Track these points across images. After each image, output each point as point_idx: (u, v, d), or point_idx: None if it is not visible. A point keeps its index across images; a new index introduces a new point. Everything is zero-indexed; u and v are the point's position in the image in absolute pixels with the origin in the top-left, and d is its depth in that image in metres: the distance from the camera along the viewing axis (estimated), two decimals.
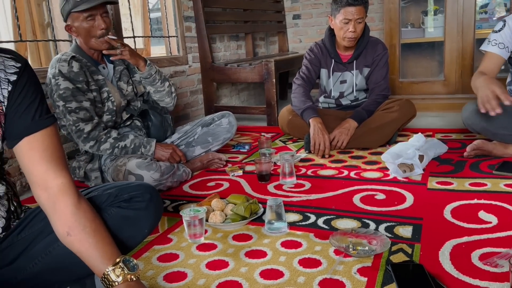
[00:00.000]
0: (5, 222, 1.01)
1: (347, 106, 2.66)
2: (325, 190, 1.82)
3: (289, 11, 4.59)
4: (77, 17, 1.87)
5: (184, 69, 3.33)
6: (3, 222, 1.01)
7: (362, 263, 1.21)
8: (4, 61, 0.94)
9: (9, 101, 0.94)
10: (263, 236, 1.43)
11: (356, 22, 2.37)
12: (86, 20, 1.87)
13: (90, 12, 1.86)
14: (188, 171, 2.07)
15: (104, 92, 1.95)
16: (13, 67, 0.95)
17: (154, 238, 1.46)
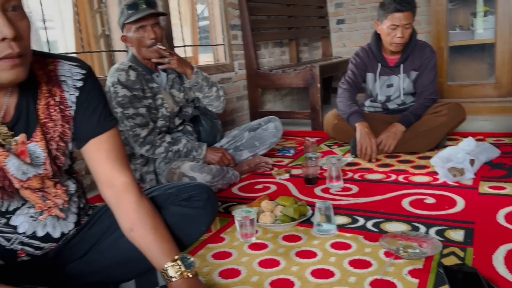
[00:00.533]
0: (76, 218, 1.10)
1: (394, 110, 2.64)
2: (373, 194, 1.83)
3: (333, 16, 4.60)
4: (129, 28, 2.01)
5: (231, 76, 3.42)
6: (75, 217, 1.10)
7: (413, 265, 1.22)
8: (71, 68, 1.02)
9: (77, 105, 1.03)
10: (312, 237, 1.47)
11: (404, 28, 2.36)
12: (137, 31, 2.00)
13: (141, 23, 1.99)
14: (236, 174, 2.14)
15: (158, 99, 2.06)
16: (79, 74, 1.03)
17: (208, 237, 1.53)
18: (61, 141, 1.02)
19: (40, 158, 0.98)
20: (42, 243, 1.03)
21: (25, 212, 0.99)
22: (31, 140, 0.97)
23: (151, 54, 2.05)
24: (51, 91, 1.00)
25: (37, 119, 0.97)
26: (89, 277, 1.13)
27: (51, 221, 1.03)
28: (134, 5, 2.00)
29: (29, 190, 0.98)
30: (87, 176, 2.21)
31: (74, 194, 1.11)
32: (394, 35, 2.37)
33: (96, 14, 2.70)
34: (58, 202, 1.03)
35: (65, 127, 1.02)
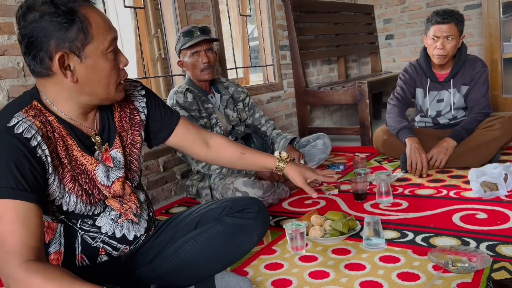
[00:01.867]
0: (147, 224, 1.25)
1: (445, 125, 2.62)
2: (423, 209, 1.85)
3: (381, 32, 4.62)
4: (185, 53, 2.19)
5: (280, 94, 3.53)
6: (145, 223, 1.25)
7: (462, 279, 1.24)
8: (131, 84, 1.26)
9: (147, 109, 1.26)
10: (361, 251, 1.52)
11: (445, 39, 2.37)
12: (192, 56, 2.18)
13: (195, 48, 2.17)
14: (286, 189, 2.22)
15: (213, 119, 2.21)
16: (138, 85, 1.27)
17: (261, 249, 1.62)
18: (133, 148, 1.23)
19: (121, 162, 1.18)
20: (118, 243, 1.18)
21: (107, 215, 1.15)
22: (113, 147, 1.17)
23: (205, 76, 2.21)
24: (121, 106, 1.21)
25: (116, 130, 1.18)
26: (154, 281, 1.26)
27: (127, 224, 1.19)
28: (190, 32, 2.18)
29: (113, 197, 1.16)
30: (148, 191, 2.38)
31: (144, 202, 1.27)
32: (435, 46, 2.39)
33: (153, 39, 2.92)
34: (132, 207, 1.20)
35: (135, 135, 1.23)
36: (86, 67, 1.00)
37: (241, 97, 2.47)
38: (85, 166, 1.09)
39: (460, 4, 4.08)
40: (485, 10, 3.35)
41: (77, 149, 1.08)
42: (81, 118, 1.10)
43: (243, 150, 1.41)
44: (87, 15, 0.98)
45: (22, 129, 0.96)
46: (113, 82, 1.06)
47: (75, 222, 1.12)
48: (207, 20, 2.80)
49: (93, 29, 0.99)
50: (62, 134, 1.05)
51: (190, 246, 1.25)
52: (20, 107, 1.00)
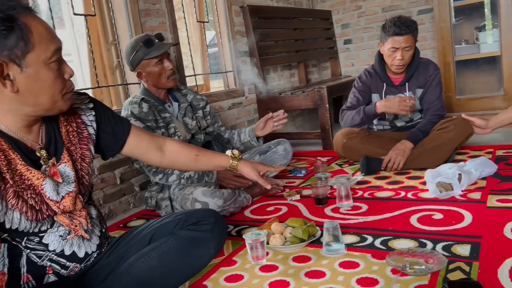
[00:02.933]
0: (99, 240, 1.20)
1: (402, 127, 2.68)
2: (382, 212, 1.86)
3: (340, 36, 4.69)
4: (148, 63, 2.12)
5: (241, 100, 3.51)
6: (98, 240, 1.20)
7: (419, 281, 1.25)
8: (77, 97, 1.22)
9: (97, 122, 1.23)
10: (321, 257, 1.51)
11: (404, 50, 2.42)
12: (156, 65, 2.12)
13: (160, 57, 2.11)
14: (248, 197, 2.20)
15: (171, 128, 2.16)
16: (86, 99, 1.24)
17: (221, 261, 1.58)
18: (83, 162, 1.19)
19: (70, 176, 1.13)
20: (68, 261, 1.12)
21: (55, 231, 1.09)
22: (61, 162, 1.12)
23: (171, 83, 2.17)
24: (67, 120, 1.17)
25: (63, 143, 1.14)
26: None
27: (77, 241, 1.14)
28: (150, 41, 2.11)
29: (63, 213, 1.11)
30: (105, 205, 2.29)
31: (96, 218, 1.23)
32: (395, 57, 2.44)
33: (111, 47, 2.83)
34: (82, 222, 1.15)
35: (84, 149, 1.19)
36: (27, 77, 0.97)
37: (200, 105, 2.42)
38: (31, 181, 1.05)
39: (413, 9, 4.21)
40: (437, 14, 3.46)
41: (22, 163, 1.03)
42: (24, 131, 1.06)
43: (198, 152, 1.43)
44: (27, 23, 0.95)
45: None
46: (58, 92, 1.03)
47: (19, 241, 1.06)
48: (163, 27, 2.75)
49: (34, 38, 0.95)
50: (4, 148, 1.01)
51: (143, 262, 1.20)
52: None
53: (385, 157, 2.40)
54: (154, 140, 1.36)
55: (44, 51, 0.97)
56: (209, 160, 1.43)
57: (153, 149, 1.35)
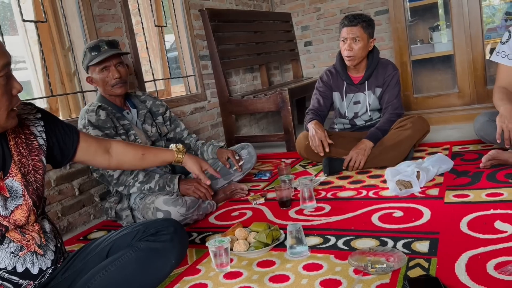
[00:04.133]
0: (54, 256, 1.16)
1: (362, 126, 2.73)
2: (345, 212, 1.88)
3: (300, 39, 4.74)
4: (94, 69, 2.07)
5: (204, 105, 3.48)
6: (52, 254, 1.15)
7: (380, 280, 1.27)
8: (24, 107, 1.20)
9: (46, 133, 1.20)
10: (285, 261, 1.50)
11: (352, 41, 2.48)
12: (101, 72, 2.06)
13: (104, 64, 2.06)
14: (212, 203, 2.17)
15: (131, 135, 2.10)
16: (33, 109, 1.22)
17: (184, 270, 1.54)
18: (36, 173, 1.14)
19: (18, 191, 1.08)
20: (20, 279, 1.07)
21: (5, 247, 1.04)
22: (8, 176, 1.08)
23: (117, 90, 2.10)
24: (15, 131, 1.12)
25: (11, 157, 1.09)
26: None
27: (30, 257, 1.09)
28: (96, 47, 2.05)
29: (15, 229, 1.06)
30: (63, 218, 2.21)
31: (50, 232, 1.18)
32: (344, 48, 2.49)
33: (68, 53, 2.74)
34: (35, 237, 1.10)
35: (35, 160, 1.15)
36: None
37: (160, 111, 2.38)
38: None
39: (370, 10, 4.31)
40: (392, 15, 3.55)
41: None
42: None
43: (143, 151, 1.49)
44: None
45: None
46: (4, 109, 0.99)
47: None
48: (119, 32, 2.68)
49: None
50: None
51: (100, 277, 1.16)
52: None
53: (346, 157, 2.43)
54: (101, 144, 1.38)
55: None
56: (155, 156, 1.50)
57: (101, 153, 1.37)
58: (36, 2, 2.37)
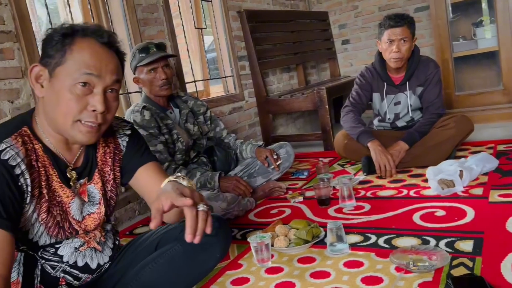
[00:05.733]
0: (111, 252, 1.22)
1: (403, 127, 2.68)
2: (385, 211, 1.88)
3: (337, 37, 4.71)
4: (141, 70, 2.16)
5: (242, 105, 3.54)
6: (110, 251, 1.22)
7: (423, 278, 1.26)
8: (120, 122, 1.26)
9: (127, 148, 1.24)
10: (326, 257, 1.52)
11: (400, 42, 2.44)
12: (149, 72, 2.15)
13: (152, 65, 2.14)
14: (252, 200, 2.21)
15: (174, 134, 2.18)
16: (126, 125, 1.27)
17: (226, 264, 1.60)
18: (114, 183, 1.21)
19: (96, 198, 1.16)
20: (80, 273, 1.14)
21: (70, 242, 1.12)
22: (91, 182, 1.15)
23: (162, 92, 2.18)
24: (107, 142, 1.20)
25: (96, 165, 1.16)
26: None
27: (90, 252, 1.16)
28: (146, 49, 2.15)
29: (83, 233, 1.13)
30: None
31: (110, 231, 1.25)
32: (391, 50, 2.45)
33: None
34: (96, 235, 1.17)
35: (116, 170, 1.21)
36: (51, 87, 1.01)
37: (201, 111, 2.45)
38: (61, 198, 1.08)
39: (410, 7, 4.23)
40: (433, 12, 3.47)
41: (57, 180, 1.07)
42: (64, 149, 1.10)
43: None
44: (76, 43, 1.00)
45: (8, 156, 0.96)
46: (70, 115, 1.00)
47: (36, 251, 1.09)
48: (162, 35, 2.78)
49: (72, 56, 0.99)
50: (45, 164, 1.05)
51: (150, 269, 1.22)
52: (10, 133, 1.00)
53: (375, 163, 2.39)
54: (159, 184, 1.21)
55: (74, 71, 0.98)
56: None
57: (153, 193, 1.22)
58: (84, 7, 2.50)
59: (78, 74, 0.99)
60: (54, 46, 1.00)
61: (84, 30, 1.02)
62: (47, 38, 1.02)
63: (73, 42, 1.00)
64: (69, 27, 1.02)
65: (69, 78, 0.99)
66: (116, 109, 1.09)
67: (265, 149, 2.41)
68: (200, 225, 0.93)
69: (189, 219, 0.92)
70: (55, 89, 1.00)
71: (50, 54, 1.00)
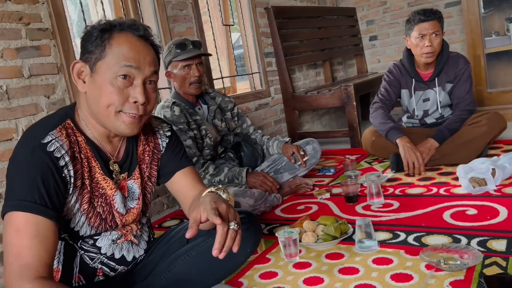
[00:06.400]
0: (146, 245, 1.26)
1: (432, 124, 2.64)
2: (414, 208, 1.86)
3: (365, 33, 4.66)
4: (176, 65, 2.19)
5: (268, 101, 3.55)
6: (145, 244, 1.26)
7: (454, 277, 1.25)
8: (160, 123, 1.30)
9: (166, 149, 1.27)
10: (354, 254, 1.52)
11: (432, 36, 2.40)
12: (183, 69, 2.17)
13: (187, 62, 2.17)
14: (278, 196, 2.22)
15: (202, 130, 2.21)
16: (167, 127, 1.31)
17: (254, 258, 1.61)
18: (149, 181, 1.24)
19: (136, 193, 1.19)
20: (117, 265, 1.18)
21: (108, 235, 1.16)
22: (131, 178, 1.19)
23: (192, 90, 2.22)
24: (147, 140, 1.23)
25: (137, 161, 1.20)
26: None
27: (126, 245, 1.19)
28: (183, 45, 2.18)
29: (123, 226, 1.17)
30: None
31: (145, 225, 1.29)
32: (423, 44, 2.41)
33: None
34: (133, 228, 1.21)
35: (153, 169, 1.25)
36: (93, 82, 1.04)
37: (228, 107, 2.47)
38: (104, 190, 1.11)
39: (440, 2, 4.14)
40: (465, 7, 3.40)
41: (100, 172, 1.11)
42: (105, 141, 1.13)
43: None
44: (114, 37, 1.03)
45: (53, 148, 1.00)
46: (112, 107, 1.03)
47: (76, 241, 1.12)
48: (190, 32, 2.81)
49: (111, 50, 1.02)
50: (88, 156, 1.08)
51: (182, 261, 1.25)
52: (55, 126, 1.04)
53: (404, 160, 2.37)
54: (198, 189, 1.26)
55: (114, 64, 1.02)
56: None
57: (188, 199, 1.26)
58: (116, 5, 2.55)
59: (118, 67, 1.02)
60: (94, 41, 1.03)
61: (121, 25, 1.05)
62: (86, 34, 1.05)
63: (112, 36, 1.03)
64: (107, 23, 1.05)
65: (109, 71, 1.02)
66: (155, 100, 1.11)
67: (292, 145, 2.42)
68: (227, 243, 0.97)
69: (219, 235, 0.96)
70: (97, 84, 1.03)
71: (90, 50, 1.03)
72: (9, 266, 0.90)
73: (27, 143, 0.99)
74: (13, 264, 0.89)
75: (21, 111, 1.85)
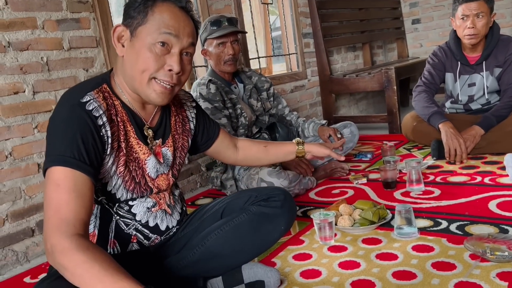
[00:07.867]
0: (179, 217, 1.26)
1: (478, 110, 2.51)
2: (457, 197, 1.77)
3: (407, 16, 4.48)
4: (211, 42, 2.15)
5: (304, 83, 3.47)
6: (178, 215, 1.26)
7: (501, 268, 1.18)
8: (185, 94, 1.34)
9: (196, 120, 1.33)
10: (393, 240, 1.46)
11: (475, 17, 2.26)
12: (217, 46, 2.14)
13: (222, 39, 2.13)
14: (312, 179, 2.18)
15: (238, 109, 2.18)
16: (190, 97, 1.35)
17: (288, 240, 1.58)
18: (181, 151, 1.26)
19: (169, 160, 1.21)
20: (150, 233, 1.18)
21: (143, 201, 1.16)
22: (165, 145, 1.20)
23: (227, 68, 2.18)
24: (177, 111, 1.26)
25: (170, 130, 1.22)
26: (181, 271, 1.25)
27: (160, 214, 1.20)
28: (218, 22, 2.14)
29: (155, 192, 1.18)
30: None
31: (178, 196, 1.30)
32: (465, 26, 2.28)
33: None
34: (166, 197, 1.22)
35: (185, 140, 1.28)
36: (132, 46, 1.05)
37: (264, 87, 2.43)
38: (137, 154, 1.13)
39: None
40: None
41: (134, 136, 1.12)
42: (139, 107, 1.14)
43: (265, 144, 1.49)
44: (157, 5, 1.04)
45: (92, 107, 1.00)
46: (147, 72, 1.04)
47: (112, 206, 1.13)
48: (228, 9, 2.77)
49: (153, 17, 1.03)
50: (124, 119, 1.10)
51: (216, 235, 1.23)
52: (92, 88, 1.05)
53: (445, 146, 2.26)
54: (232, 140, 1.45)
55: (154, 31, 1.02)
56: (277, 149, 1.49)
57: (231, 147, 1.44)
58: None
59: (158, 33, 1.02)
60: (137, 8, 1.04)
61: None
62: (131, 1, 1.06)
63: (155, 4, 1.04)
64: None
65: (149, 37, 1.02)
66: (189, 73, 1.12)
67: (329, 128, 2.35)
68: None
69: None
70: (135, 48, 1.04)
71: (133, 15, 1.04)
72: (48, 220, 0.91)
73: (66, 102, 1.00)
74: (52, 218, 0.90)
75: (60, 83, 1.87)
